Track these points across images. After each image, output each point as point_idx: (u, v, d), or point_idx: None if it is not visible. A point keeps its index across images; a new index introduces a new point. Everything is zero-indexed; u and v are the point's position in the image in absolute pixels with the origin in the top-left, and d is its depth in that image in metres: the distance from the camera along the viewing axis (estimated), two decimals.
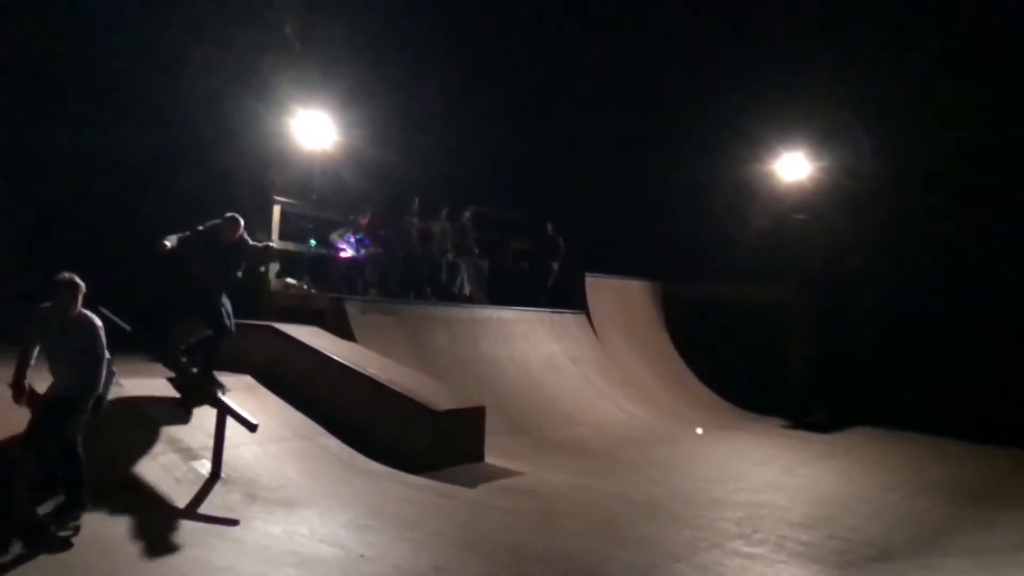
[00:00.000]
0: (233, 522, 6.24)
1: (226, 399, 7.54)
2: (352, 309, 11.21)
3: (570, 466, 9.37)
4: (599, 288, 15.74)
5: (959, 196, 14.61)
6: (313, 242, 12.96)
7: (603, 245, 16.39)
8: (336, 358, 9.36)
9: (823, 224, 15.78)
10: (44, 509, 5.87)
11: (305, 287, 12.44)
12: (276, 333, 9.88)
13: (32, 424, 5.87)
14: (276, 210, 12.31)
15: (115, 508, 6.15)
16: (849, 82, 15.61)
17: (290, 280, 12.45)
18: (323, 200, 13.33)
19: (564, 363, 13.68)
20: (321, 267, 12.92)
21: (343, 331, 10.73)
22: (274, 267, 12.30)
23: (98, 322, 6.07)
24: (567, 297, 15.24)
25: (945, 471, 10.76)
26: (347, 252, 12.61)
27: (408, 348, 11.32)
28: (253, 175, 12.92)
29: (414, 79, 15.73)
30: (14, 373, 5.92)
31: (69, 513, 5.84)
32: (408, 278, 13.28)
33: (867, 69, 15.52)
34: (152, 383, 8.18)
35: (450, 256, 14.01)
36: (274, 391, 9.03)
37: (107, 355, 6.09)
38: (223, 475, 6.97)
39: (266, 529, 6.20)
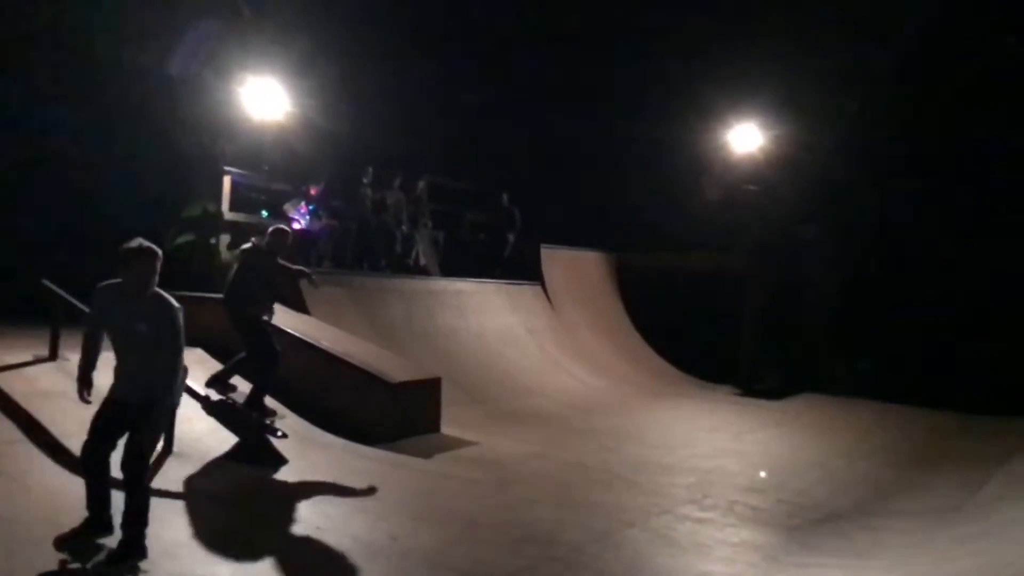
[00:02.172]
0: (186, 496, 6.18)
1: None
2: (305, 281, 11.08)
3: (525, 436, 9.46)
4: (555, 259, 15.80)
5: (910, 167, 14.91)
6: (265, 213, 12.76)
7: (558, 217, 16.43)
8: (290, 331, 9.26)
9: (774, 195, 16.00)
10: (89, 554, 4.78)
11: None
12: None
13: (89, 433, 4.86)
14: (227, 181, 12.10)
15: (62, 482, 6.04)
16: (803, 51, 15.75)
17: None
18: (275, 170, 13.12)
19: (520, 334, 13.74)
20: None
21: (296, 304, 10.62)
22: (225, 238, 12.10)
23: (177, 304, 4.91)
24: (523, 268, 15.28)
25: (889, 436, 11.09)
26: (299, 224, 12.45)
27: (363, 320, 11.26)
28: (202, 145, 12.64)
29: (368, 47, 15.48)
30: (80, 366, 5.00)
31: (123, 558, 4.69)
32: (362, 249, 13.17)
33: (821, 38, 15.67)
34: (100, 357, 7.98)
35: (405, 227, 13.92)
36: (226, 364, 8.91)
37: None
38: (176, 450, 6.88)
39: (219, 502, 6.16)
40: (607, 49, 17.41)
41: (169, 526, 5.52)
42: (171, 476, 6.49)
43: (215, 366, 8.79)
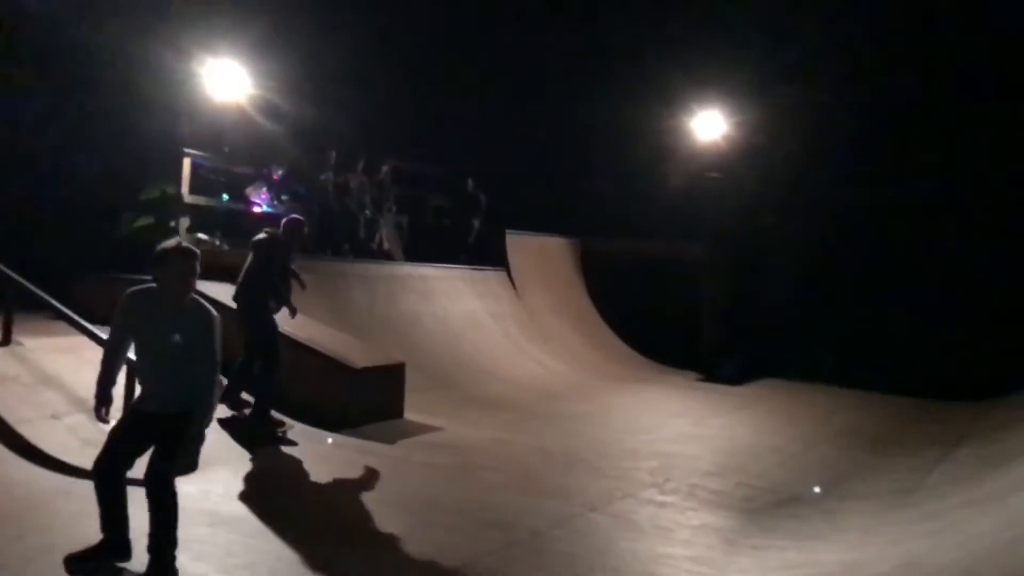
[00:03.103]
0: (143, 483, 6.09)
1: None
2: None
3: (489, 421, 9.48)
4: (520, 245, 15.80)
5: (870, 157, 15.14)
6: (226, 196, 12.58)
7: (523, 202, 16.43)
8: None
9: (737, 182, 16.16)
10: None
11: (217, 243, 12.10)
12: None
13: (105, 447, 4.40)
14: (186, 163, 11.89)
15: (18, 472, 5.93)
16: (766, 40, 15.90)
17: (201, 235, 12.09)
18: (236, 153, 12.92)
19: (485, 320, 13.74)
20: (234, 222, 12.58)
21: None
22: (184, 221, 11.92)
23: (215, 312, 4.51)
24: (488, 254, 15.26)
25: (847, 420, 11.31)
26: (259, 208, 12.31)
27: (325, 306, 11.17)
28: (161, 127, 12.40)
29: (332, 29, 15.28)
30: (100, 381, 4.52)
31: None
32: (325, 234, 13.05)
33: (785, 26, 15.83)
34: (55, 341, 7.86)
35: (368, 212, 13.81)
36: None
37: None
38: None
39: (179, 489, 6.05)
40: (573, 35, 17.40)
41: (134, 516, 5.45)
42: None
43: None
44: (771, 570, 5.48)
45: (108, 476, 4.40)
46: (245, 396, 7.89)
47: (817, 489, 7.56)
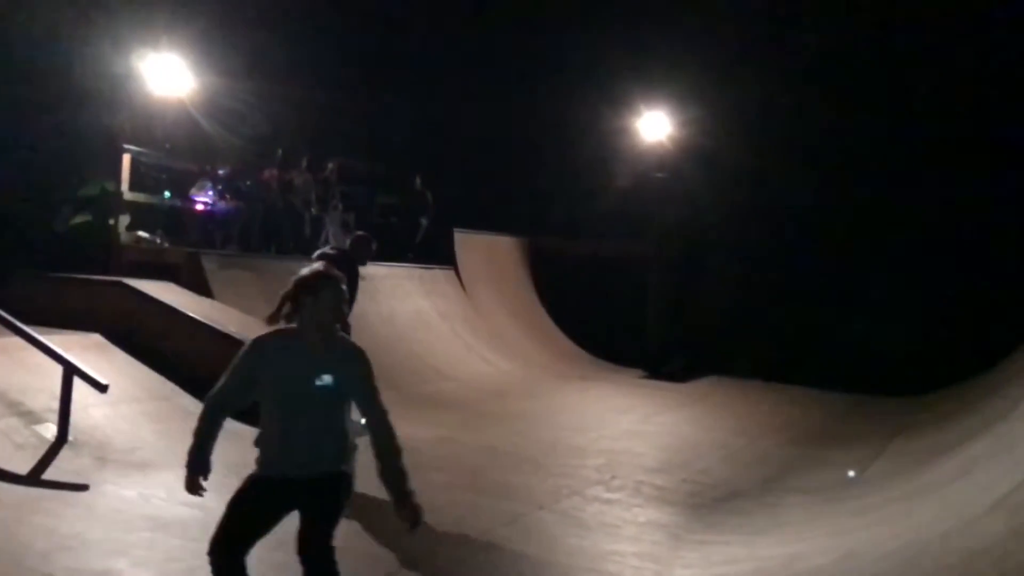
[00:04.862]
0: (82, 487, 5.93)
1: (71, 357, 7.09)
2: (209, 264, 10.76)
3: (437, 420, 9.45)
4: (468, 244, 15.77)
5: (813, 159, 15.47)
6: (167, 194, 12.32)
7: (471, 201, 16.41)
8: (192, 315, 8.99)
9: (682, 182, 16.38)
10: None
11: (158, 241, 11.85)
12: (127, 289, 9.37)
13: (223, 527, 3.55)
14: (126, 159, 11.60)
15: None
16: (711, 41, 16.12)
17: (142, 233, 11.81)
18: (177, 149, 12.65)
19: (433, 319, 13.69)
20: (176, 220, 12.32)
21: (200, 287, 10.29)
22: (124, 219, 11.64)
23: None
24: (436, 253, 15.20)
25: (789, 416, 11.55)
26: (200, 205, 12.09)
27: (269, 304, 10.89)
28: (100, 121, 12.07)
29: (276, 24, 15.07)
30: (195, 447, 3.69)
31: None
32: (269, 232, 12.86)
33: (729, 26, 16.08)
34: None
35: (314, 209, 13.63)
36: (126, 350, 8.57)
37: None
38: (71, 438, 6.59)
39: (119, 493, 5.95)
40: (521, 34, 17.43)
41: (64, 519, 5.31)
42: (64, 467, 6.22)
43: (115, 353, 8.46)
44: (716, 564, 5.58)
45: (226, 562, 3.50)
46: None
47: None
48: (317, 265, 3.82)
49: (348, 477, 3.73)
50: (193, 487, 3.69)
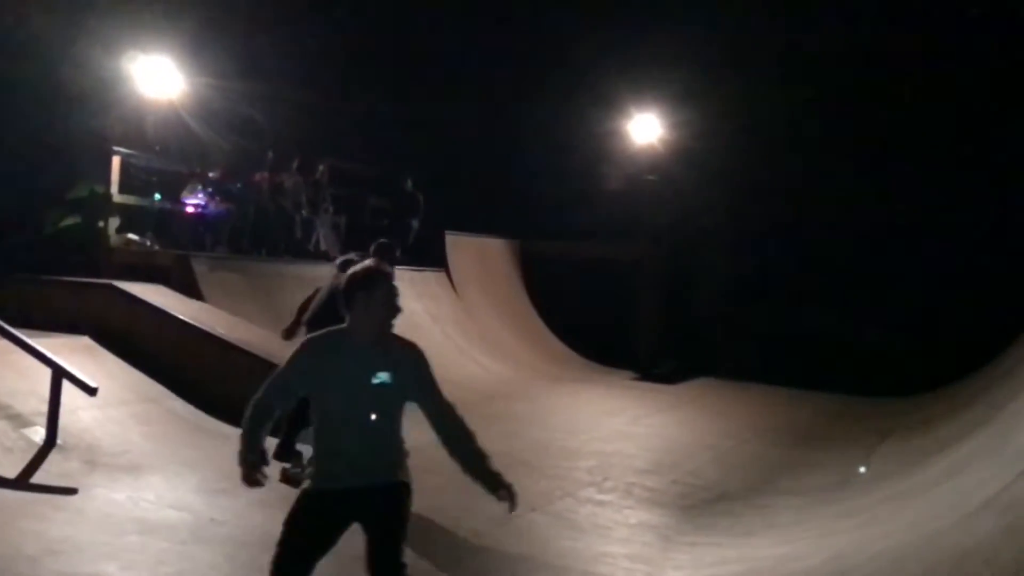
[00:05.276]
0: (71, 491, 5.91)
1: (60, 360, 7.05)
2: (199, 267, 10.74)
3: (428, 423, 9.41)
4: (459, 246, 15.76)
5: (802, 163, 15.53)
6: (158, 196, 12.28)
7: (462, 203, 16.40)
8: (182, 317, 8.97)
9: (673, 185, 16.42)
10: None
11: (148, 243, 11.81)
12: (117, 291, 9.34)
13: (282, 545, 3.36)
14: (116, 161, 11.57)
15: None
16: (702, 44, 16.16)
17: (132, 236, 11.78)
18: (167, 151, 12.61)
19: (424, 321, 13.66)
20: (166, 222, 12.28)
21: (190, 290, 10.27)
22: (114, 221, 11.60)
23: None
24: (427, 255, 15.18)
25: (778, 417, 11.58)
26: (191, 208, 12.06)
27: (260, 307, 10.98)
28: (89, 124, 12.02)
29: (267, 27, 15.03)
30: (244, 450, 3.48)
31: None
32: (260, 234, 12.83)
33: (721, 28, 16.13)
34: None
35: (305, 211, 13.60)
36: (115, 353, 8.54)
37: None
38: (59, 442, 6.57)
39: (109, 496, 5.92)
40: (512, 37, 17.44)
41: (53, 523, 5.28)
42: (53, 471, 6.20)
43: (104, 355, 8.43)
44: (706, 566, 5.59)
45: None
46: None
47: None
48: (368, 261, 3.65)
49: (408, 487, 3.57)
50: (255, 479, 3.47)
